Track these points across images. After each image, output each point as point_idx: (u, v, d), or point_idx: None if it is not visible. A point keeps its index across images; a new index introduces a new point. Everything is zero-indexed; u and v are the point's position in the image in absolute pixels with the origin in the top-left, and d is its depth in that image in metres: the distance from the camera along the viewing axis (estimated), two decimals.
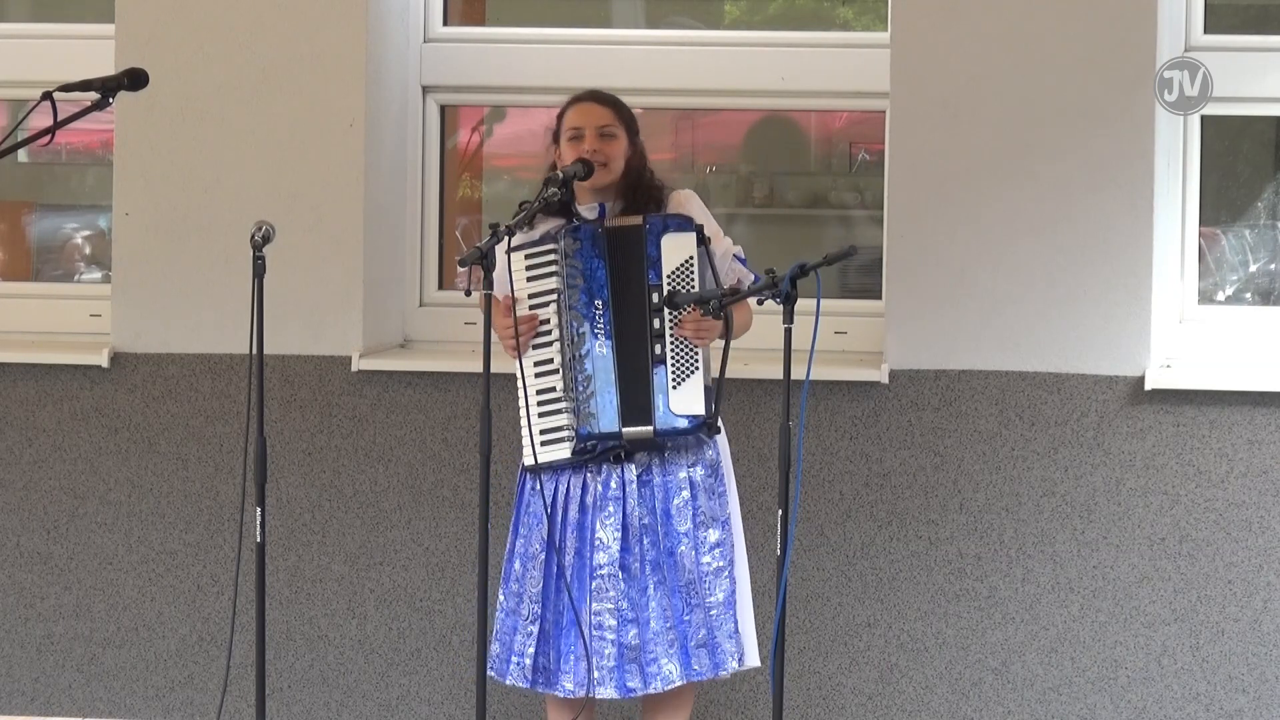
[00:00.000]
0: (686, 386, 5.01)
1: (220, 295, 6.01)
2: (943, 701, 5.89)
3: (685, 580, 5.05)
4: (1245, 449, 5.77)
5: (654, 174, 5.22)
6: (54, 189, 7.18)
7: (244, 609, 5.26)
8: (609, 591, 5.01)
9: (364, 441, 6.05)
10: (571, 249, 5.03)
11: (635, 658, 5.02)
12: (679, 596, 5.04)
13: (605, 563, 5.02)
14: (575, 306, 5.02)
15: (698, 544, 5.06)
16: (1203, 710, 5.80)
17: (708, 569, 5.06)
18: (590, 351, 5.02)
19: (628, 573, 5.03)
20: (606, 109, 5.13)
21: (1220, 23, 6.00)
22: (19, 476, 6.16)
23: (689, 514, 5.06)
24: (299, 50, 6.01)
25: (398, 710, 6.08)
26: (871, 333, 6.05)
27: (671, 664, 5.04)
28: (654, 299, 5.02)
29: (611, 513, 5.02)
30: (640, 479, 5.06)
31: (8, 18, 6.75)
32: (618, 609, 5.01)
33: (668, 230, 5.03)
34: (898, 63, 5.86)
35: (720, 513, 5.09)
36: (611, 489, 5.04)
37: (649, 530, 5.04)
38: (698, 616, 5.05)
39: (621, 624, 5.01)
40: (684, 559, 5.04)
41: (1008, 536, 5.85)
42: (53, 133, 4.44)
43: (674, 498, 5.06)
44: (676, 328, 5.01)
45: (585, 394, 5.01)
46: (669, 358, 5.01)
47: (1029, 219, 5.79)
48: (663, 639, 5.03)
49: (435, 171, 6.35)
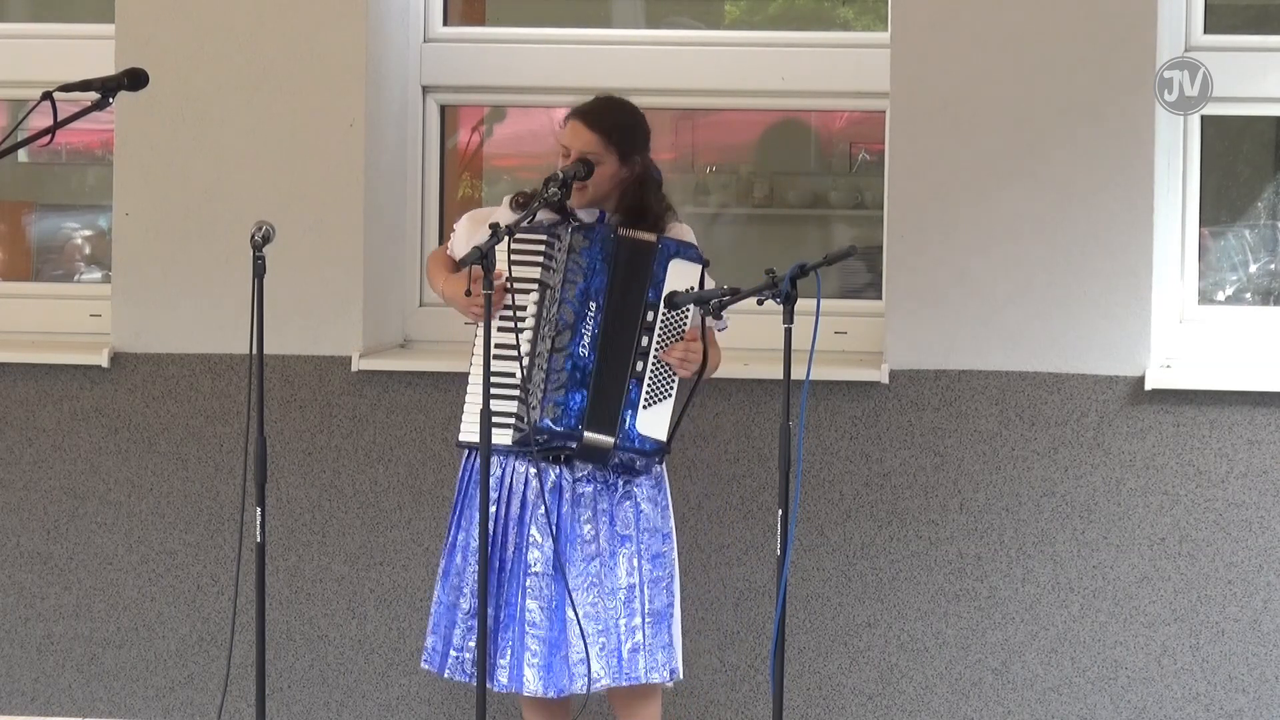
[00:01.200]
0: (657, 410, 5.00)
1: (220, 295, 6.01)
2: (943, 701, 5.89)
3: (625, 584, 5.03)
4: (1245, 449, 5.77)
5: (659, 187, 5.15)
6: (54, 189, 7.18)
7: (244, 609, 5.26)
8: (541, 589, 5.01)
9: (364, 441, 6.05)
10: (579, 245, 5.01)
11: (564, 655, 5.01)
12: (615, 599, 5.03)
13: (539, 560, 5.01)
14: (569, 301, 5.00)
15: (639, 551, 5.05)
16: (1203, 710, 5.80)
17: (648, 576, 5.05)
18: (573, 349, 5.00)
19: (560, 573, 5.01)
20: (593, 134, 5.05)
21: (1220, 23, 6.00)
22: (19, 476, 6.16)
23: (632, 520, 5.05)
24: (299, 50, 6.01)
25: (398, 710, 6.08)
26: (871, 333, 6.05)
27: (600, 665, 5.01)
28: (648, 317, 5.01)
29: (550, 510, 5.01)
30: (580, 480, 5.04)
31: (8, 18, 6.75)
32: (548, 607, 5.00)
33: (678, 256, 5.02)
34: (898, 63, 5.86)
35: (663, 525, 5.08)
36: (549, 487, 5.03)
37: (584, 532, 5.03)
38: (635, 620, 5.03)
39: (551, 622, 5.00)
40: (623, 563, 5.04)
41: (1008, 536, 5.85)
42: (53, 133, 4.44)
43: (617, 504, 5.05)
44: (664, 352, 5.00)
45: (554, 386, 4.98)
46: (647, 377, 5.00)
47: (1029, 219, 5.79)
48: (594, 640, 5.01)
49: (435, 171, 6.35)
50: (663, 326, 5.02)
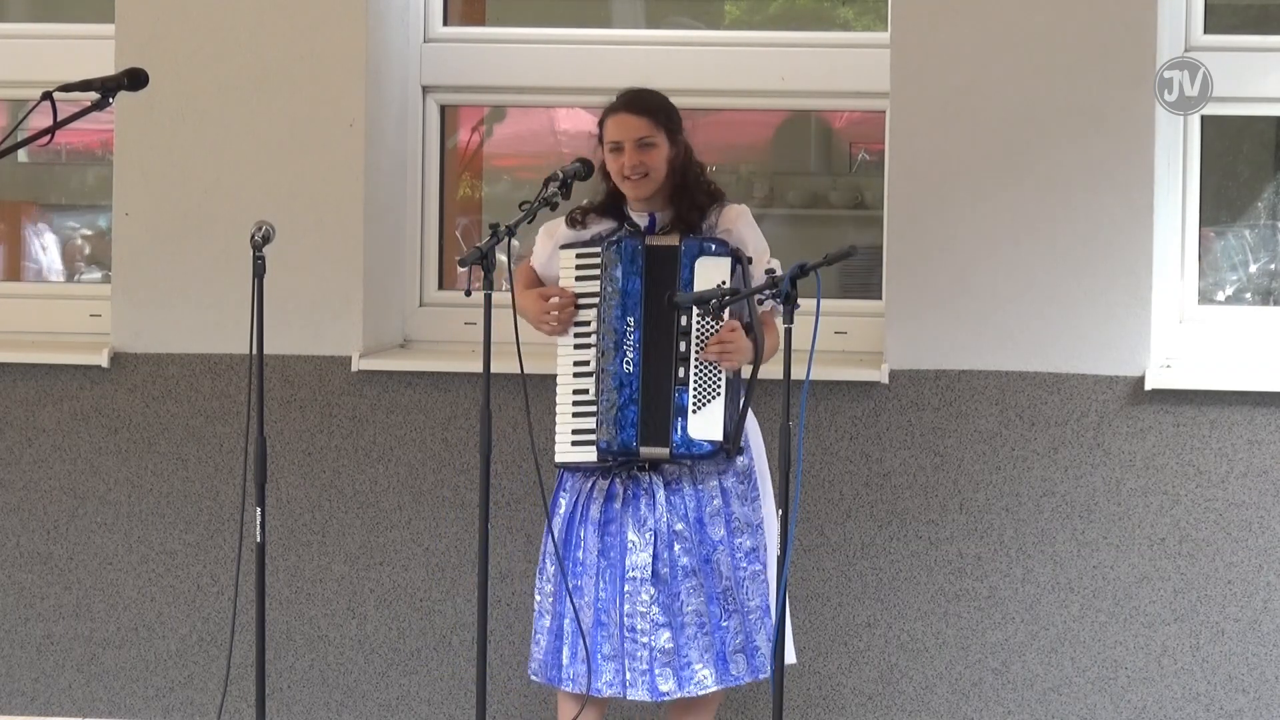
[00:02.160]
0: (707, 411, 5.00)
1: (220, 295, 6.01)
2: (943, 701, 5.89)
3: (722, 587, 5.05)
4: (1245, 449, 5.77)
5: (703, 171, 5.18)
6: (54, 189, 7.19)
7: (244, 609, 5.26)
8: (641, 595, 5.01)
9: (364, 441, 6.05)
10: (611, 262, 5.04)
11: (669, 661, 5.02)
12: (716, 603, 5.05)
13: (637, 566, 5.02)
14: (608, 320, 5.03)
15: (733, 550, 5.07)
16: (1203, 710, 5.80)
17: (744, 574, 5.07)
18: (618, 367, 5.02)
19: (658, 578, 5.03)
20: (642, 119, 5.10)
21: (1220, 23, 6.00)
22: (19, 476, 6.16)
23: (722, 521, 5.07)
24: (299, 50, 6.01)
25: (398, 710, 6.08)
26: (871, 333, 6.05)
27: (706, 669, 5.04)
28: (682, 321, 5.01)
29: (644, 516, 5.03)
30: (670, 486, 5.06)
31: (8, 18, 6.75)
32: (649, 613, 5.01)
33: (703, 254, 5.01)
34: (898, 63, 5.86)
35: (754, 518, 5.09)
36: (643, 493, 5.04)
37: (681, 537, 5.05)
38: (735, 622, 5.06)
39: (654, 628, 5.01)
40: (720, 565, 5.05)
41: (1008, 536, 5.85)
42: (53, 133, 4.44)
43: (706, 505, 5.06)
44: (702, 350, 5.00)
45: (608, 406, 5.01)
46: (691, 380, 5.00)
47: (1029, 219, 5.79)
48: (697, 644, 5.03)
49: (435, 171, 6.35)
50: (699, 327, 5.01)
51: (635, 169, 5.06)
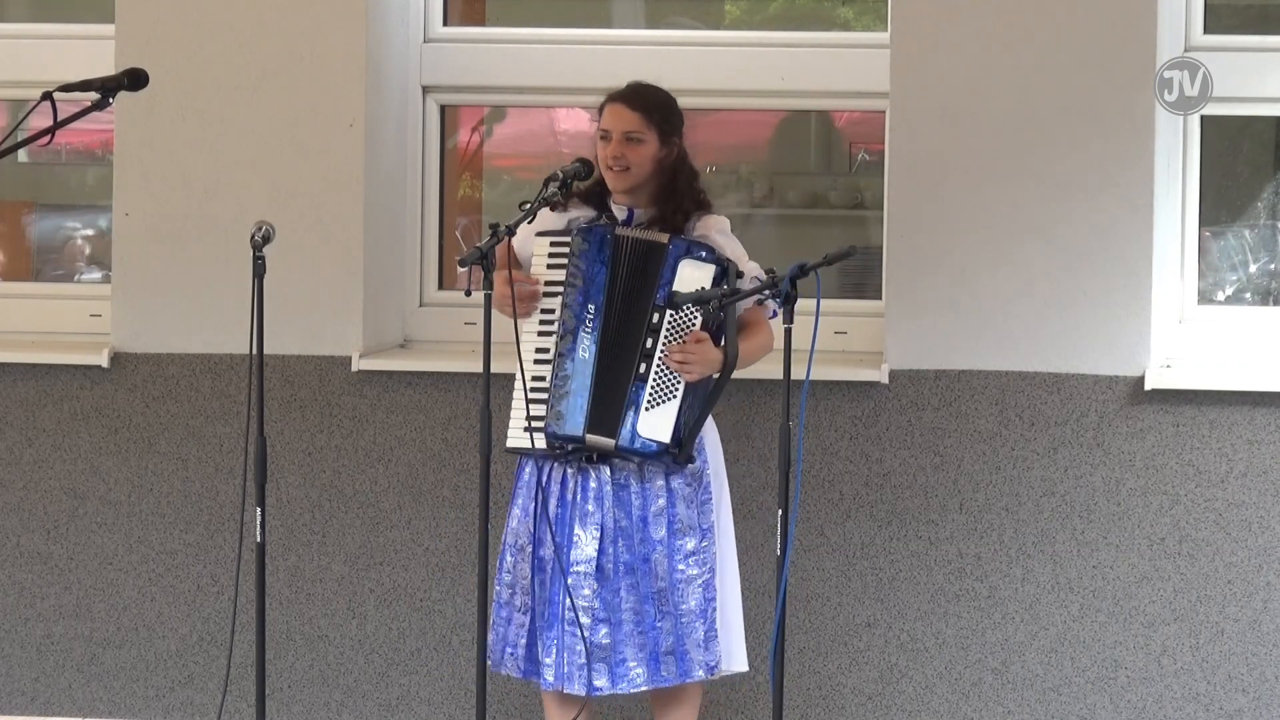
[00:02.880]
0: (660, 411, 4.99)
1: (220, 295, 6.01)
2: (943, 701, 5.89)
3: (657, 587, 5.04)
4: (1245, 449, 5.77)
5: (696, 178, 5.17)
6: (54, 189, 7.19)
7: (244, 609, 5.26)
8: (583, 589, 5.01)
9: (364, 441, 6.05)
10: (578, 248, 5.02)
11: (605, 657, 5.02)
12: (651, 603, 5.04)
13: (581, 560, 5.02)
14: (570, 305, 5.01)
15: (672, 552, 5.05)
16: (1203, 710, 5.80)
17: (681, 577, 5.05)
18: (574, 352, 5.00)
19: (602, 573, 5.03)
20: (635, 114, 5.09)
21: (1220, 23, 6.00)
22: (19, 476, 6.16)
23: (664, 521, 5.05)
24: (299, 50, 6.01)
25: (398, 710, 6.08)
26: (871, 333, 6.05)
27: (640, 667, 5.03)
28: (654, 319, 5.00)
29: (591, 512, 5.03)
30: (618, 482, 5.05)
31: (8, 18, 6.75)
32: (590, 608, 5.01)
33: (688, 256, 5.00)
34: (898, 63, 5.86)
35: (699, 521, 5.07)
36: (590, 489, 5.04)
37: (625, 534, 5.04)
38: (667, 624, 5.04)
39: (594, 623, 5.01)
40: (657, 566, 5.04)
41: (1008, 536, 5.85)
42: (53, 133, 4.44)
43: (651, 504, 5.05)
44: (668, 355, 4.99)
45: (559, 393, 5.00)
46: (651, 377, 4.99)
47: (1029, 219, 5.79)
48: (633, 642, 5.02)
49: (435, 171, 6.35)
50: (669, 328, 5.01)
51: (616, 160, 5.05)
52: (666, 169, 5.11)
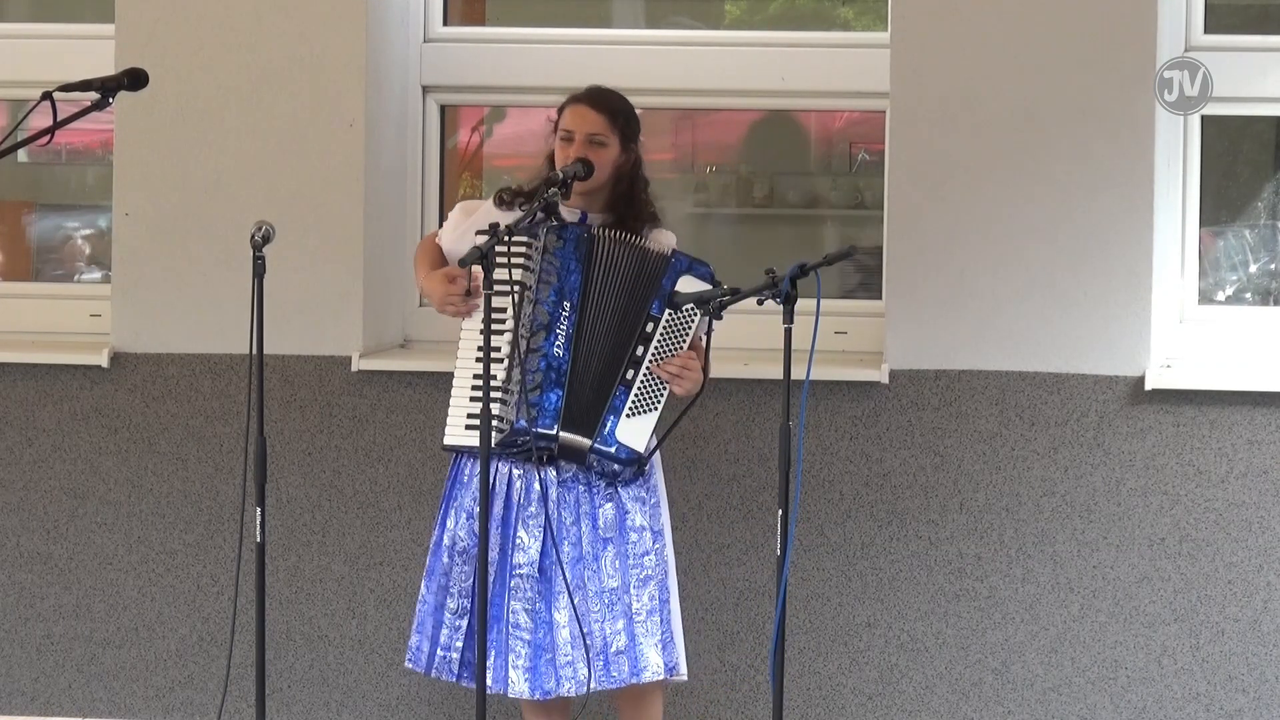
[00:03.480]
0: (640, 420, 4.99)
1: (220, 295, 6.01)
2: (943, 701, 5.89)
3: (607, 587, 5.02)
4: (1245, 449, 5.77)
5: (647, 187, 5.18)
6: (54, 189, 7.18)
7: (244, 609, 5.26)
8: (526, 591, 5.00)
9: (364, 441, 6.05)
10: (553, 245, 5.01)
11: (550, 658, 5.00)
12: (600, 601, 5.02)
13: (524, 563, 5.00)
14: (542, 302, 5.00)
15: (622, 552, 5.04)
16: (1203, 710, 5.80)
17: (634, 577, 5.04)
18: (547, 349, 4.99)
19: (544, 575, 5.01)
20: (600, 116, 5.09)
21: (1220, 23, 6.00)
22: (19, 476, 6.16)
23: (615, 520, 5.04)
24: (299, 50, 6.01)
25: (398, 710, 6.08)
26: (871, 333, 6.05)
27: (586, 668, 5.00)
28: (647, 327, 5.00)
29: (534, 513, 5.01)
30: (564, 482, 5.04)
31: (8, 18, 6.75)
32: (534, 609, 5.00)
33: (690, 272, 5.01)
34: (898, 63, 5.86)
35: (650, 523, 5.07)
36: (535, 489, 5.01)
37: (570, 534, 5.02)
38: (620, 623, 5.02)
39: (536, 624, 5.00)
40: (607, 565, 5.02)
41: (1008, 536, 5.85)
42: (53, 133, 4.44)
43: (600, 504, 5.04)
44: (658, 365, 4.99)
45: (530, 387, 4.97)
46: (636, 385, 4.99)
47: (1029, 219, 5.79)
48: (578, 643, 5.00)
49: (435, 171, 6.35)
50: (661, 339, 5.01)
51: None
52: (625, 175, 5.11)
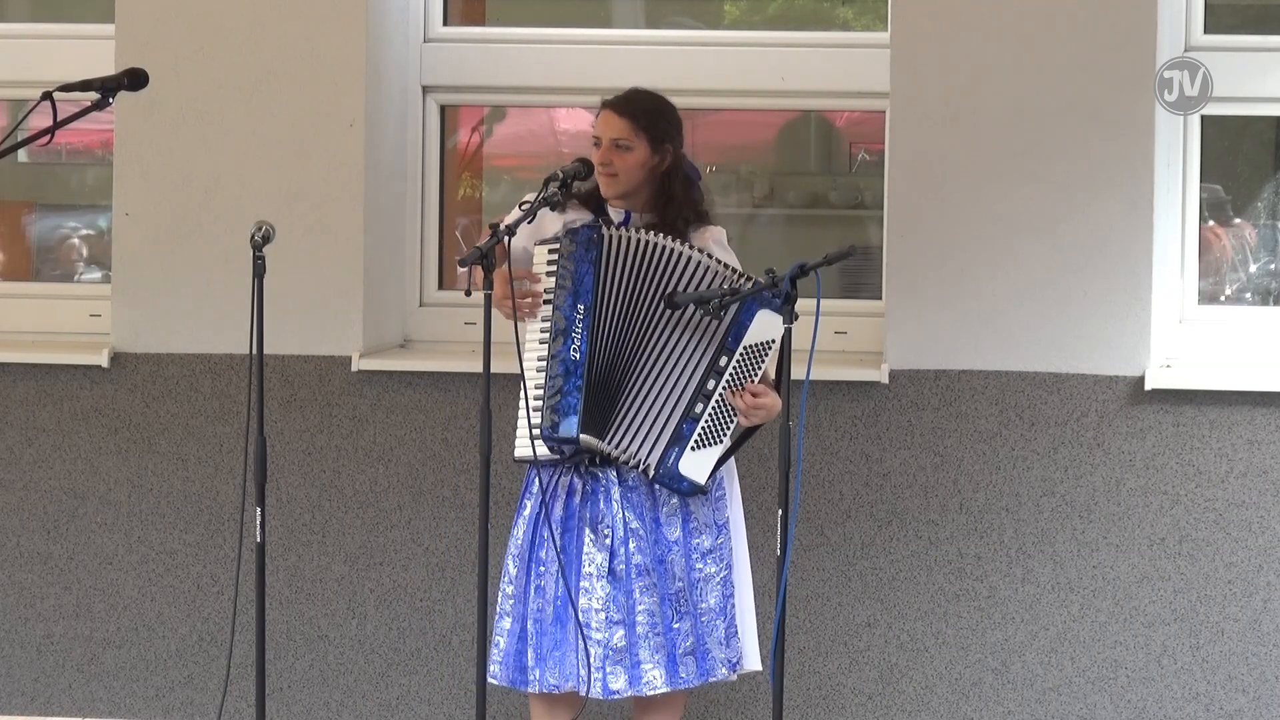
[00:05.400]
0: (704, 454, 4.95)
1: (220, 295, 6.01)
2: (943, 701, 5.89)
3: (675, 588, 5.02)
4: (1245, 449, 5.77)
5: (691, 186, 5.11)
6: (54, 189, 7.19)
7: (244, 609, 5.26)
8: (596, 592, 5.00)
9: (364, 441, 6.05)
10: (566, 250, 5.01)
11: (620, 660, 5.01)
12: (668, 604, 5.02)
13: (593, 563, 5.01)
14: (560, 307, 4.99)
15: (688, 551, 5.04)
16: (1203, 710, 5.81)
17: (699, 576, 5.04)
18: (564, 353, 4.98)
19: (614, 575, 5.01)
20: (623, 120, 5.05)
21: (1220, 23, 6.01)
22: (19, 476, 6.16)
23: (679, 521, 5.04)
24: (299, 50, 6.01)
25: (398, 710, 6.08)
26: (871, 333, 6.05)
27: (656, 670, 5.00)
28: (720, 361, 4.96)
29: (602, 513, 5.01)
30: (627, 484, 5.03)
31: (8, 18, 6.75)
32: (605, 610, 5.00)
33: (768, 308, 4.92)
34: (898, 63, 5.86)
35: (714, 518, 5.07)
36: (600, 493, 5.02)
37: (636, 535, 5.02)
38: (686, 624, 5.02)
39: (608, 625, 5.00)
40: (673, 566, 5.02)
41: (1008, 536, 5.85)
42: (53, 133, 4.44)
43: (663, 505, 5.04)
44: (731, 394, 4.96)
45: (551, 393, 4.97)
46: (705, 418, 4.96)
47: (1029, 219, 5.79)
48: (648, 644, 5.00)
49: (435, 171, 6.35)
50: (733, 374, 4.97)
51: (604, 166, 5.05)
52: (659, 176, 5.08)
